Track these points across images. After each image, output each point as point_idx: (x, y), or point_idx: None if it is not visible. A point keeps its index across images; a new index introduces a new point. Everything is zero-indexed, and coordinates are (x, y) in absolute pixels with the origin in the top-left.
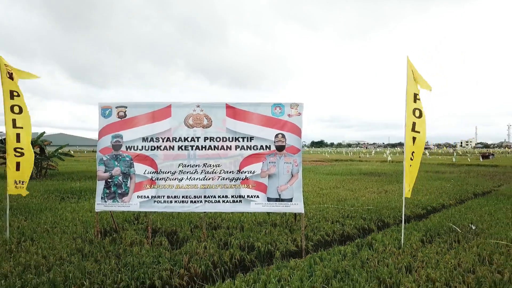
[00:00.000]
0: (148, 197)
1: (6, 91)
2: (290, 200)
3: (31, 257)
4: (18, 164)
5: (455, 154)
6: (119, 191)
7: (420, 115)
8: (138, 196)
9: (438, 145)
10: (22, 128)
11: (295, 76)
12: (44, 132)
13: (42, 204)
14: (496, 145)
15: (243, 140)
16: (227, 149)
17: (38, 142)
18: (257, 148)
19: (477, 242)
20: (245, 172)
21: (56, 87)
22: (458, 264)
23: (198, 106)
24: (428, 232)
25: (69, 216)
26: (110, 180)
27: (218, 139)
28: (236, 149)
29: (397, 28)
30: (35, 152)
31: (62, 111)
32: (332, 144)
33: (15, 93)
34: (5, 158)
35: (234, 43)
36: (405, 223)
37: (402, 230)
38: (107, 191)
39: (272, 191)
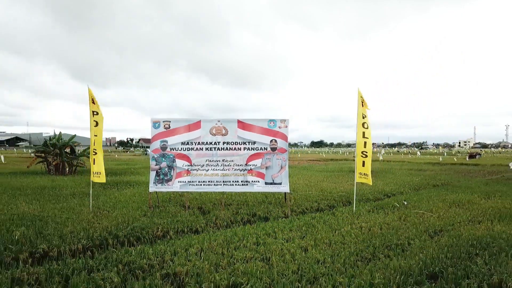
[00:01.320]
0: (185, 182)
1: (91, 111)
2: (280, 183)
3: (114, 218)
4: (94, 160)
5: (445, 153)
6: (165, 178)
7: (367, 127)
8: (178, 181)
9: (437, 145)
10: (96, 136)
11: (295, 76)
12: (75, 135)
13: (95, 191)
14: (494, 145)
15: (249, 144)
16: (238, 150)
17: (69, 144)
18: (258, 149)
19: (404, 211)
20: (250, 165)
21: (57, 86)
22: (384, 221)
23: (219, 121)
24: (376, 207)
25: (121, 197)
26: (159, 171)
27: (232, 143)
28: (244, 150)
29: (397, 28)
30: (66, 152)
31: (63, 110)
32: (331, 144)
33: (94, 113)
34: (42, 157)
35: (235, 43)
36: (361, 201)
37: (354, 202)
38: (157, 178)
39: (268, 178)
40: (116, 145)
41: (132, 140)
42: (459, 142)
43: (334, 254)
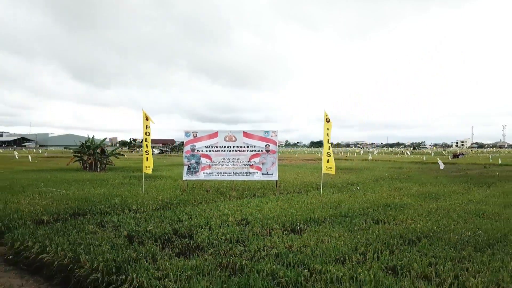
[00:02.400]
0: (207, 173)
1: (144, 126)
2: (272, 174)
3: (163, 196)
4: (147, 158)
5: (432, 153)
6: (194, 171)
7: (329, 136)
8: (203, 173)
9: (435, 145)
10: (148, 142)
11: (295, 75)
12: (105, 138)
13: (134, 182)
14: (491, 145)
15: (250, 147)
16: (243, 151)
17: (101, 145)
18: (257, 151)
19: (356, 193)
20: (251, 162)
21: (58, 86)
22: (338, 198)
23: (230, 132)
24: (338, 191)
25: (158, 186)
26: (189, 165)
27: (239, 147)
28: (247, 151)
29: (397, 28)
30: (97, 153)
31: (64, 110)
32: (331, 144)
33: (147, 126)
34: (78, 157)
35: (235, 43)
36: (330, 187)
37: (321, 186)
38: (188, 170)
39: (264, 170)
40: (118, 145)
41: (135, 140)
42: (457, 142)
43: (298, 210)
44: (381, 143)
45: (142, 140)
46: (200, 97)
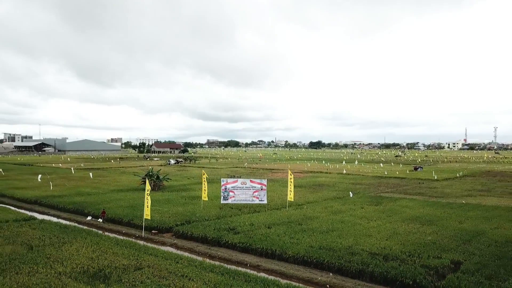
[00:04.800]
0: (233, 200)
1: (204, 183)
2: (263, 200)
3: (214, 212)
4: (205, 190)
5: (403, 159)
6: (226, 198)
7: (292, 180)
8: (231, 200)
9: (428, 146)
10: (205, 185)
11: (296, 75)
12: (160, 170)
13: (191, 202)
14: (482, 146)
15: (253, 187)
16: (249, 189)
17: (157, 173)
18: (257, 189)
19: (303, 209)
20: (254, 194)
21: (62, 85)
22: (293, 212)
23: (244, 180)
24: (297, 208)
25: (206, 204)
26: (224, 196)
27: (248, 187)
28: (251, 189)
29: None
30: (154, 179)
31: (66, 109)
32: (329, 145)
33: (203, 181)
34: (143, 181)
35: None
36: (290, 205)
37: (287, 205)
38: (223, 198)
39: (260, 198)
40: (123, 146)
41: (144, 144)
42: (448, 144)
43: (272, 218)
44: (378, 143)
45: (152, 144)
46: (202, 95)
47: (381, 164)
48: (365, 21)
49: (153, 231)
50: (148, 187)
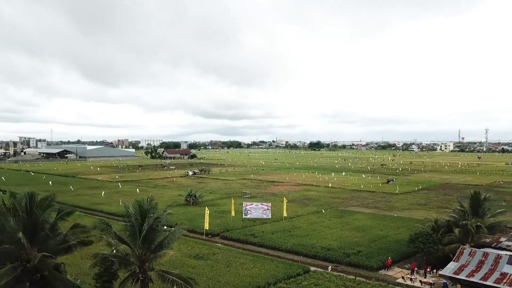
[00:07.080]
0: (251, 215)
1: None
2: (269, 216)
3: (241, 223)
4: (232, 211)
5: (378, 177)
6: (246, 214)
7: (283, 200)
8: (249, 215)
9: (422, 148)
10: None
11: (296, 74)
12: (197, 191)
13: (222, 216)
14: (471, 148)
15: (262, 208)
16: (260, 208)
17: (194, 193)
18: (265, 209)
19: (291, 221)
20: (263, 212)
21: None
22: (285, 224)
23: (257, 203)
24: (289, 220)
25: (234, 217)
26: (245, 212)
27: (260, 207)
28: (262, 210)
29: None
30: (188, 201)
31: (68, 107)
32: (328, 145)
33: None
34: (187, 200)
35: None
36: (285, 219)
37: (283, 218)
38: (244, 214)
39: (266, 215)
40: (131, 147)
41: (155, 149)
42: (440, 146)
43: (273, 229)
44: (375, 144)
45: (163, 150)
46: (205, 94)
47: (363, 175)
48: (365, 22)
49: (208, 236)
50: (207, 210)
